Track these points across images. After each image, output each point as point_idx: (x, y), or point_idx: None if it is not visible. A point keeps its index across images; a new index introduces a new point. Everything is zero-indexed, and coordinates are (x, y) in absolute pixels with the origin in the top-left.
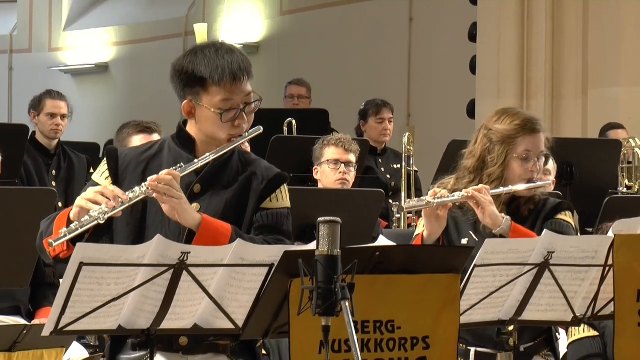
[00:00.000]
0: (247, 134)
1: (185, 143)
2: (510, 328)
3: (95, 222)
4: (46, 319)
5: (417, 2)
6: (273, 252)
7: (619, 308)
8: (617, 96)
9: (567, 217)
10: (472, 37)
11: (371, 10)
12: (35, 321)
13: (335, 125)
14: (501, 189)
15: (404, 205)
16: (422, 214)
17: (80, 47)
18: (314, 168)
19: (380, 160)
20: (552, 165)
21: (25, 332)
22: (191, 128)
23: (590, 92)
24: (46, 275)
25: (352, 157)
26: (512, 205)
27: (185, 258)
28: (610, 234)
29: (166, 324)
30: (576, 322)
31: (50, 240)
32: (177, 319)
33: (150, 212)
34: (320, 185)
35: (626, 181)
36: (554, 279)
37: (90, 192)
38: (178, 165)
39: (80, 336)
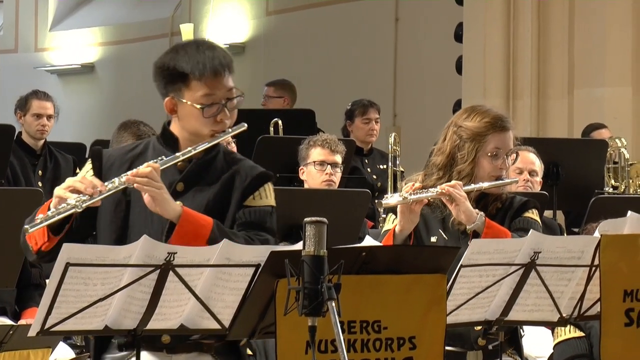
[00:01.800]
0: (230, 130)
1: (169, 142)
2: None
3: (73, 210)
4: (32, 320)
5: (403, 3)
6: (259, 252)
7: (605, 308)
8: (602, 96)
9: (534, 215)
10: (458, 37)
11: (357, 10)
12: (22, 321)
13: (322, 126)
14: (472, 186)
15: (382, 201)
16: (397, 209)
17: (66, 47)
18: (299, 168)
19: (366, 161)
20: (538, 165)
21: (11, 332)
22: (175, 127)
23: (576, 92)
24: (32, 275)
25: (338, 158)
26: (481, 203)
27: (172, 258)
28: (597, 234)
29: (153, 325)
30: (562, 322)
31: (26, 226)
32: (164, 319)
33: (133, 212)
34: (306, 186)
35: (612, 181)
36: (540, 279)
37: (68, 181)
38: (159, 158)
39: (67, 336)
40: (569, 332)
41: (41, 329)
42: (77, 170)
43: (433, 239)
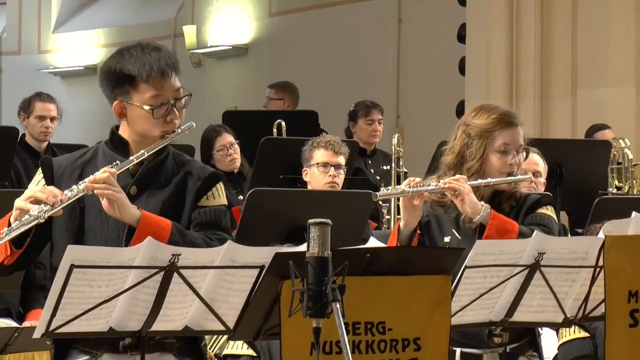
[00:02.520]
0: (179, 129)
1: (118, 146)
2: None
3: (36, 221)
4: (37, 321)
5: (406, 4)
6: (264, 254)
7: (609, 309)
8: (606, 97)
9: (548, 211)
10: (461, 38)
11: (360, 11)
12: (26, 323)
13: (325, 127)
14: (479, 181)
15: (377, 193)
16: (400, 204)
17: (70, 49)
18: (303, 170)
19: (369, 162)
20: (542, 166)
21: (16, 334)
22: (124, 130)
23: (579, 92)
24: (36, 277)
25: (342, 160)
26: (494, 202)
27: (176, 260)
28: (601, 235)
29: (157, 326)
30: (567, 323)
31: None
32: (168, 321)
33: (88, 217)
34: (309, 187)
35: (616, 182)
36: (545, 280)
37: (28, 192)
38: (114, 163)
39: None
40: (574, 333)
41: (46, 330)
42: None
43: (446, 239)
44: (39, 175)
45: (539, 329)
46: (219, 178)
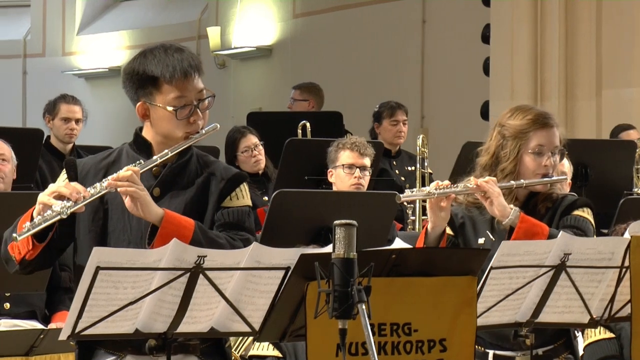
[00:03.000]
0: (203, 131)
1: (142, 148)
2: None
3: (59, 217)
4: (62, 323)
5: (430, 4)
6: (289, 255)
7: (635, 309)
8: (631, 97)
9: (584, 213)
10: (485, 38)
11: (384, 12)
12: (52, 325)
13: (349, 128)
14: (511, 182)
15: (401, 195)
16: (427, 206)
17: (94, 51)
18: (328, 171)
19: (394, 163)
20: (567, 166)
21: (42, 336)
22: (147, 132)
23: (604, 92)
24: (62, 279)
25: (367, 161)
26: (530, 203)
27: (202, 262)
28: (627, 235)
29: (183, 328)
30: (593, 324)
31: (14, 235)
32: (194, 323)
33: (111, 219)
34: (334, 188)
35: None
36: (571, 280)
37: (52, 187)
38: (137, 162)
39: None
40: (600, 334)
41: (72, 332)
42: None
43: (480, 241)
44: (62, 176)
45: (575, 331)
46: (242, 179)
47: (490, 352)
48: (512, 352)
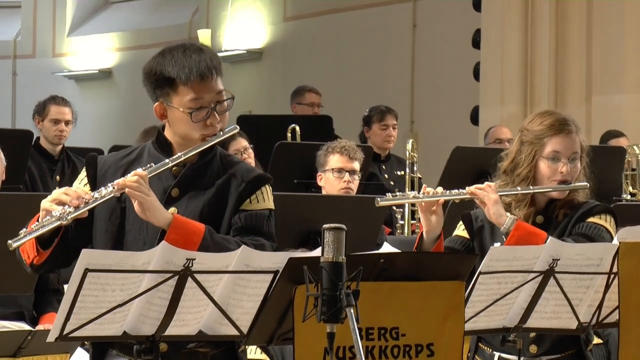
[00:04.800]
0: (222, 133)
1: (163, 147)
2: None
3: (58, 222)
4: (50, 325)
5: (420, 9)
6: (278, 259)
7: (623, 316)
8: (620, 103)
9: (601, 220)
10: (476, 43)
11: (375, 16)
12: (40, 327)
13: (339, 132)
14: (517, 189)
15: (378, 199)
16: (419, 211)
17: (84, 52)
18: (317, 174)
19: (383, 167)
20: None
21: (29, 337)
22: (167, 132)
23: (594, 99)
24: (50, 281)
25: (357, 165)
26: (549, 209)
27: (190, 264)
28: (615, 241)
29: (171, 330)
30: (581, 329)
31: (9, 241)
32: (182, 325)
33: (128, 218)
34: (324, 192)
35: (630, 188)
36: (559, 286)
37: (54, 194)
38: (148, 165)
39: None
40: None
41: (60, 334)
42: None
43: (496, 245)
44: (82, 173)
45: (590, 338)
46: (265, 181)
47: (497, 354)
48: (515, 357)
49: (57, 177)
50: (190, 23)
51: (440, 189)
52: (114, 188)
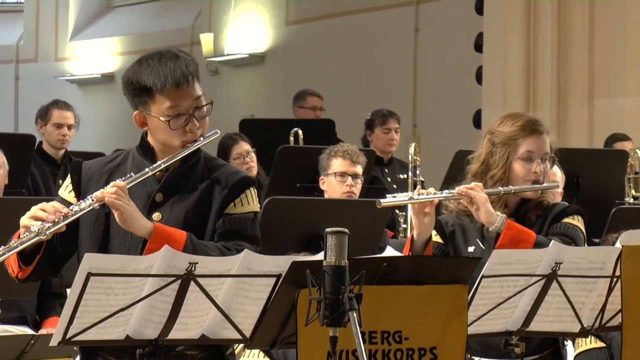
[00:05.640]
0: (202, 138)
1: (147, 152)
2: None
3: (37, 238)
4: (53, 329)
5: (423, 12)
6: (280, 263)
7: (626, 319)
8: (623, 106)
9: (574, 220)
10: (478, 47)
11: (377, 20)
12: (43, 331)
13: (341, 135)
14: (499, 189)
15: (381, 200)
16: (411, 213)
17: (86, 57)
18: (320, 178)
19: (386, 171)
20: (559, 176)
21: (32, 342)
22: (150, 138)
23: (596, 102)
24: (53, 285)
25: (359, 169)
26: (521, 211)
27: (193, 268)
28: (618, 245)
29: (174, 334)
30: (584, 333)
31: None
32: (185, 329)
33: (113, 224)
34: (326, 196)
35: (633, 192)
36: (562, 289)
37: (32, 210)
38: (127, 175)
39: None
40: (590, 343)
41: (62, 338)
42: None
43: (470, 249)
44: (67, 180)
45: (564, 339)
46: (249, 184)
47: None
48: None
49: (60, 181)
50: (193, 27)
51: (432, 190)
52: (92, 201)
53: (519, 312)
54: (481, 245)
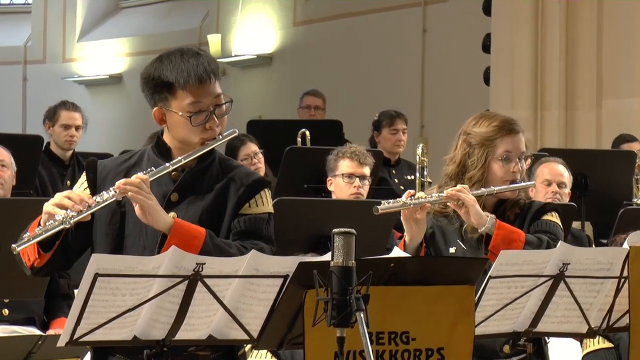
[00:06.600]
0: (221, 136)
1: (162, 152)
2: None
3: (61, 226)
4: (61, 330)
5: (430, 13)
6: (288, 263)
7: (634, 320)
8: (631, 107)
9: (553, 217)
10: (486, 48)
11: (385, 21)
12: (50, 331)
13: (349, 136)
14: (482, 190)
15: (379, 207)
16: (401, 218)
17: (94, 58)
18: (327, 179)
19: (393, 171)
20: (567, 177)
21: (40, 342)
22: (166, 136)
23: (604, 103)
24: (60, 286)
25: (367, 170)
26: (499, 210)
27: (200, 269)
28: (626, 245)
29: (181, 335)
30: (591, 333)
31: (13, 245)
32: (192, 330)
33: (128, 222)
34: (334, 197)
35: None
36: (569, 290)
37: (56, 197)
38: (149, 169)
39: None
40: (598, 343)
41: (70, 339)
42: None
43: (452, 250)
44: (82, 177)
45: (545, 337)
46: (264, 185)
47: None
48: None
49: (68, 182)
50: (201, 28)
51: (422, 194)
52: (115, 192)
53: (527, 312)
54: (462, 246)
